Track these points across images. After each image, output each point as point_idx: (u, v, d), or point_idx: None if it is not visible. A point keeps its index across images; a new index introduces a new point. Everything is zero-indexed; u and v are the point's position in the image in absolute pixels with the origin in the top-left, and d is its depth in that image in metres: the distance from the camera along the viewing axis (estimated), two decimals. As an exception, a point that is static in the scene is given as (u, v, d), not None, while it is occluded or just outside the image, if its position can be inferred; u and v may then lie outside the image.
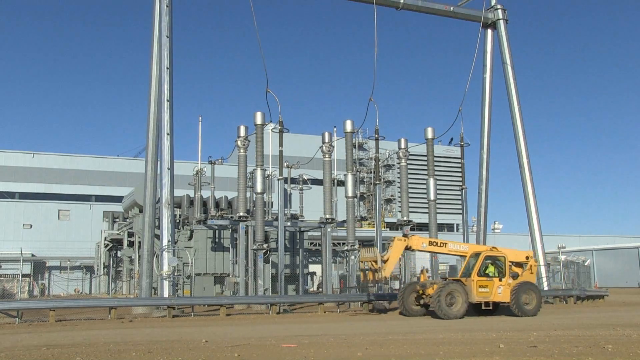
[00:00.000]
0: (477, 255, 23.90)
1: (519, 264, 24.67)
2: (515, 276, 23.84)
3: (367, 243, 49.54)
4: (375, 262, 23.05)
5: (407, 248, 24.13)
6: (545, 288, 33.52)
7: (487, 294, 23.15)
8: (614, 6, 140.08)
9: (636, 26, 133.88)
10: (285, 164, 34.06)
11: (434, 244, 24.68)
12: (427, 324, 20.73)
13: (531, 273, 24.78)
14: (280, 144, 29.95)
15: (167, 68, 27.41)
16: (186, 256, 32.47)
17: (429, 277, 26.90)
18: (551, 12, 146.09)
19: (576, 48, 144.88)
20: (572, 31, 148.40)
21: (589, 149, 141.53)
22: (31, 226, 61.54)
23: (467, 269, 24.08)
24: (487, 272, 23.61)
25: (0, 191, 61.19)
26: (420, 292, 23.84)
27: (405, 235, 24.97)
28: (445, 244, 24.81)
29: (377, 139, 32.99)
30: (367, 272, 23.52)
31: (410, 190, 37.70)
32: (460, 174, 41.52)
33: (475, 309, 23.85)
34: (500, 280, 23.44)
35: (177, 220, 37.87)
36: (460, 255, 25.23)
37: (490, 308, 23.55)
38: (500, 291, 23.31)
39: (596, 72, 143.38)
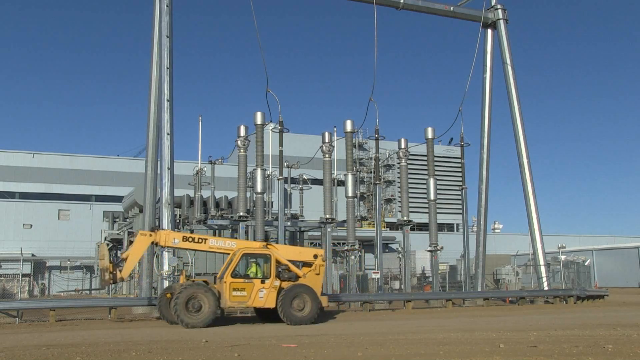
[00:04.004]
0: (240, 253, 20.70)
1: (308, 264, 21.77)
2: (292, 277, 20.77)
3: (367, 243, 49.65)
4: (109, 260, 20.39)
5: (155, 244, 21.07)
6: (545, 288, 33.55)
7: (243, 299, 19.98)
8: (614, 6, 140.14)
9: (636, 26, 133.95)
10: (285, 164, 34.08)
11: (190, 239, 21.24)
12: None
13: (317, 274, 21.40)
14: (280, 144, 29.96)
15: (167, 68, 27.40)
16: (186, 256, 32.46)
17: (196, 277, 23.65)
18: (551, 12, 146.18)
19: (576, 48, 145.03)
20: (572, 31, 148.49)
21: (589, 149, 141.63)
22: (31, 226, 61.52)
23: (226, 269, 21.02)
24: (248, 272, 20.49)
25: (0, 191, 61.18)
26: (169, 296, 20.55)
27: (152, 229, 21.45)
28: (205, 239, 21.43)
29: (377, 139, 32.99)
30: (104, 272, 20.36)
31: (410, 190, 37.71)
32: (460, 174, 41.52)
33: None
34: (262, 282, 20.11)
35: (177, 220, 37.88)
36: (226, 253, 21.82)
37: (248, 315, 21.36)
38: (262, 295, 20.00)
39: (596, 71, 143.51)
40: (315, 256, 21.77)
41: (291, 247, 24.42)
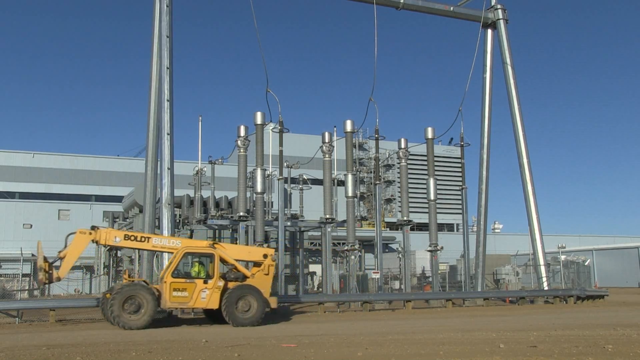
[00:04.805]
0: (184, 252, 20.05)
1: (258, 264, 21.16)
2: (239, 278, 20.27)
3: (367, 243, 49.65)
4: (44, 258, 19.65)
5: (95, 242, 20.29)
6: (545, 288, 33.55)
7: (185, 300, 19.38)
8: (614, 6, 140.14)
9: (636, 26, 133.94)
10: (285, 164, 34.07)
11: (132, 238, 20.40)
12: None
13: (266, 274, 20.76)
14: (280, 144, 29.96)
15: (167, 68, 27.38)
16: (186, 256, 32.38)
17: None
18: (551, 12, 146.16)
19: (576, 48, 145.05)
20: (572, 31, 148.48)
21: (589, 149, 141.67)
22: (31, 226, 61.53)
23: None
24: (190, 272, 20.17)
25: (0, 191, 61.18)
26: (108, 296, 19.64)
27: (93, 228, 20.59)
28: (148, 238, 20.69)
29: (377, 139, 32.98)
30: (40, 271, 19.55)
31: (410, 190, 37.71)
32: (460, 174, 41.52)
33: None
34: (205, 282, 19.53)
35: (177, 220, 37.88)
36: (170, 252, 21.04)
37: (192, 316, 21.13)
38: (205, 296, 19.40)
39: (596, 71, 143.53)
40: (265, 256, 21.12)
41: (240, 246, 24.00)
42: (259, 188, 29.17)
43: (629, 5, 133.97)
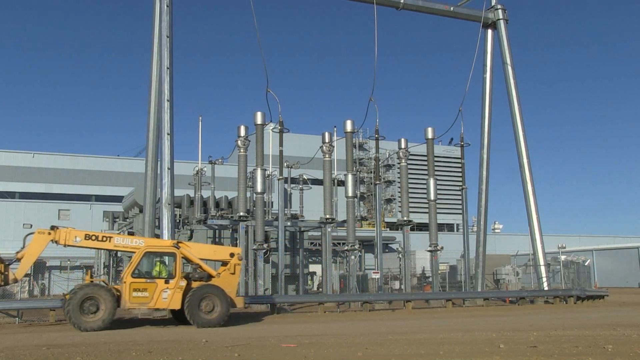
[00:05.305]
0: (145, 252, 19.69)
1: (225, 263, 20.82)
2: (204, 277, 20.06)
3: (367, 243, 49.65)
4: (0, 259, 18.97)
5: (55, 242, 19.78)
6: (545, 288, 33.55)
7: (145, 300, 19.05)
8: (614, 6, 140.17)
9: (636, 26, 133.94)
10: (285, 164, 34.07)
11: (93, 237, 19.90)
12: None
13: (232, 274, 20.51)
14: (280, 144, 29.97)
15: (167, 68, 27.38)
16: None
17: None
18: (551, 12, 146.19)
19: (576, 48, 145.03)
20: (572, 31, 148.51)
21: (589, 149, 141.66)
22: (31, 226, 61.36)
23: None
24: (152, 272, 19.58)
25: (0, 191, 61.18)
26: (67, 297, 19.29)
27: (52, 227, 19.88)
28: (110, 237, 20.27)
29: (377, 139, 32.99)
30: None
31: (410, 190, 37.71)
32: (460, 174, 41.53)
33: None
34: (166, 282, 19.23)
35: (177, 220, 37.86)
36: (132, 252, 20.46)
37: (151, 317, 21.12)
38: (166, 296, 19.08)
39: (596, 71, 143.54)
40: (232, 255, 20.82)
41: (206, 245, 23.75)
42: (259, 188, 29.18)
43: (629, 5, 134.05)
